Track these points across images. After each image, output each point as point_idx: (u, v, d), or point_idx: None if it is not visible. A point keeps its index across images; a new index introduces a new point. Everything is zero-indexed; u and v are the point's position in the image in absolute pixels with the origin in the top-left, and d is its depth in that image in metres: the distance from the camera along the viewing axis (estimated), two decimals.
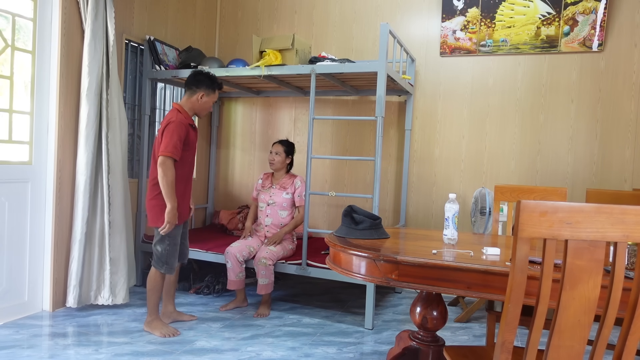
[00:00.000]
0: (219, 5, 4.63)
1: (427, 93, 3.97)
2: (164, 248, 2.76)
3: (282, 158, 3.45)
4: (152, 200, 2.76)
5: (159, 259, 2.77)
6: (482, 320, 3.28)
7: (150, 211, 2.79)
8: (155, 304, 2.82)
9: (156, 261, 2.78)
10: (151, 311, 2.82)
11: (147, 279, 2.83)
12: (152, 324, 2.81)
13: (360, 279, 1.82)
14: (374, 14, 4.11)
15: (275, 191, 3.45)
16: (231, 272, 3.26)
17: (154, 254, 2.79)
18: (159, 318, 2.85)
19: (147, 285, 2.82)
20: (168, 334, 2.76)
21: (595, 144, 3.55)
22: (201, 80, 2.85)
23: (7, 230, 2.88)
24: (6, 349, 2.50)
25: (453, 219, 2.03)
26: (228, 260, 3.25)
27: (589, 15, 3.50)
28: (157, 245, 2.78)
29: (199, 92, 2.84)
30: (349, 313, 3.36)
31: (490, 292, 1.59)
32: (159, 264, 2.77)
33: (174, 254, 2.80)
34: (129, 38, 3.60)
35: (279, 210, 3.43)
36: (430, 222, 3.97)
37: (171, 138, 2.66)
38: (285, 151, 3.46)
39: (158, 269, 2.78)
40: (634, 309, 1.12)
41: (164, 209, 2.70)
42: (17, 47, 2.91)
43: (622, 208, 1.08)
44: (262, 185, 3.54)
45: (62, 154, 3.09)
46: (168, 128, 2.69)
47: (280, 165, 3.46)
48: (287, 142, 3.52)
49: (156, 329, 2.78)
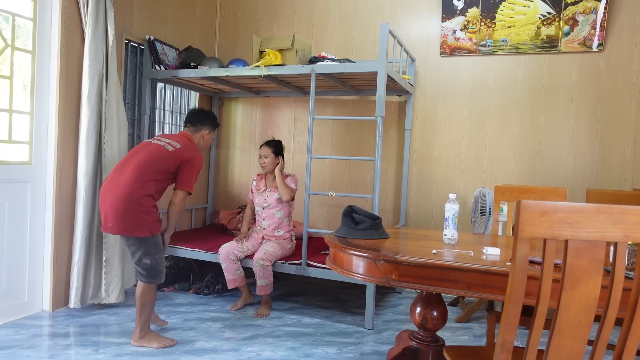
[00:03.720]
0: (219, 5, 4.63)
1: (427, 93, 3.97)
2: (154, 258, 2.60)
3: (272, 159, 3.42)
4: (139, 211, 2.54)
5: (152, 270, 2.60)
6: (482, 320, 3.28)
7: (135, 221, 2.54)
8: (148, 319, 2.64)
9: (148, 275, 2.59)
10: (143, 326, 2.62)
11: (137, 296, 2.60)
12: (145, 338, 2.63)
13: (360, 279, 1.82)
14: (374, 14, 4.11)
15: (268, 194, 3.46)
16: (227, 272, 3.28)
17: (142, 269, 2.59)
18: (150, 330, 2.68)
19: (138, 302, 2.60)
20: (167, 345, 2.62)
21: (595, 144, 3.55)
22: (204, 119, 2.94)
23: (7, 230, 2.88)
24: (6, 349, 2.50)
25: (453, 219, 2.03)
26: (222, 261, 3.28)
27: (589, 15, 3.50)
28: (144, 260, 2.58)
29: (204, 129, 2.93)
30: (349, 313, 3.36)
31: (490, 292, 1.59)
32: (153, 276, 2.61)
33: (163, 259, 2.69)
34: (129, 38, 3.60)
35: (275, 211, 3.44)
36: (430, 222, 3.97)
37: (194, 174, 2.72)
38: (273, 152, 3.42)
39: (152, 282, 2.60)
40: (634, 309, 1.12)
41: (152, 218, 2.59)
42: (17, 47, 2.91)
43: (622, 208, 1.08)
44: (257, 187, 3.53)
45: (62, 154, 3.09)
46: (193, 163, 2.71)
47: (272, 167, 3.43)
48: (273, 142, 3.47)
49: (153, 341, 2.62)
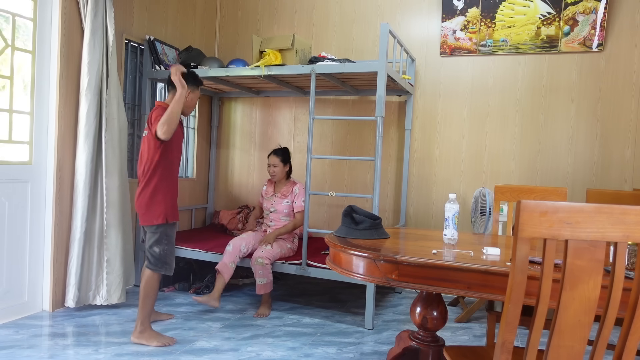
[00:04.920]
0: (219, 5, 4.63)
1: (427, 93, 3.97)
2: (162, 248, 2.69)
3: (281, 168, 3.49)
4: (144, 199, 2.66)
5: (158, 260, 2.68)
6: (482, 320, 3.28)
7: (142, 209, 2.67)
8: (149, 312, 2.65)
9: (154, 263, 2.67)
10: (144, 320, 2.63)
11: (141, 285, 2.66)
12: (145, 335, 2.63)
13: (360, 279, 1.82)
14: (374, 14, 4.11)
15: (276, 199, 3.51)
16: (227, 256, 3.26)
17: (151, 256, 2.68)
18: (150, 327, 2.67)
19: (142, 292, 2.64)
20: (166, 343, 2.62)
21: (595, 144, 3.55)
22: (185, 79, 2.79)
23: (7, 230, 2.88)
24: (6, 349, 2.50)
25: (453, 219, 2.03)
26: (231, 244, 3.30)
27: (589, 15, 3.50)
28: (154, 247, 2.68)
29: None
30: (349, 313, 3.36)
31: (490, 292, 1.59)
32: (158, 266, 2.68)
33: (173, 252, 2.75)
34: (129, 38, 3.60)
35: (281, 217, 3.49)
36: (430, 222, 3.97)
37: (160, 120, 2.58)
38: (282, 161, 3.48)
39: (157, 270, 2.67)
40: (634, 309, 1.12)
41: (156, 205, 2.65)
42: (17, 47, 2.91)
43: (622, 208, 1.08)
44: (266, 192, 3.60)
45: (62, 154, 3.09)
46: (156, 112, 2.63)
47: (281, 176, 3.51)
48: (281, 150, 3.52)
49: (153, 340, 2.62)
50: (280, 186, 3.55)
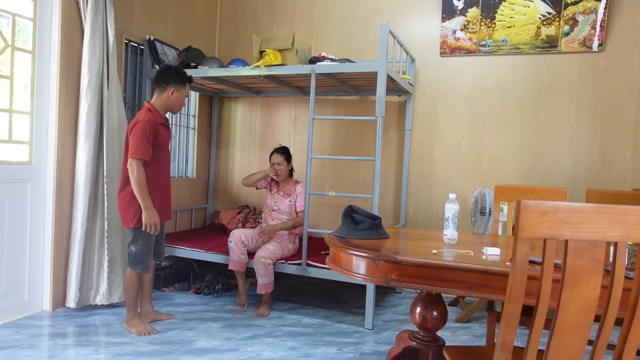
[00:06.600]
0: (219, 5, 4.63)
1: (427, 93, 3.97)
2: (138, 248, 2.78)
3: (285, 166, 3.51)
4: (122, 201, 2.78)
5: (134, 259, 2.79)
6: (482, 320, 3.28)
7: (121, 211, 2.80)
8: (133, 302, 2.84)
9: (131, 261, 2.80)
10: (129, 309, 2.84)
11: (124, 279, 2.90)
12: (130, 322, 2.84)
13: (360, 279, 1.82)
14: (374, 14, 4.11)
15: (279, 197, 3.51)
16: (233, 253, 3.28)
17: (129, 255, 2.81)
18: (137, 316, 2.87)
19: (124, 285, 2.87)
20: (144, 332, 2.79)
21: (595, 144, 3.55)
22: (170, 76, 2.80)
23: (7, 230, 2.88)
24: (6, 349, 2.50)
25: (453, 219, 2.03)
26: (231, 240, 3.30)
27: (589, 15, 3.50)
28: (131, 246, 2.80)
29: (169, 88, 2.80)
30: (349, 313, 3.36)
31: (490, 292, 1.59)
32: (134, 264, 2.79)
33: (148, 253, 2.82)
34: (129, 38, 3.60)
35: (283, 215, 3.50)
36: (430, 222, 3.97)
37: (140, 139, 2.63)
38: (285, 159, 3.51)
39: (133, 268, 2.79)
40: (634, 309, 1.12)
41: (134, 209, 2.73)
42: (17, 47, 2.91)
43: (622, 208, 1.08)
44: (270, 187, 3.60)
45: (62, 154, 3.09)
46: (135, 129, 2.66)
47: (286, 174, 3.52)
48: (282, 149, 3.55)
49: (133, 327, 2.81)
50: (283, 185, 3.55)
